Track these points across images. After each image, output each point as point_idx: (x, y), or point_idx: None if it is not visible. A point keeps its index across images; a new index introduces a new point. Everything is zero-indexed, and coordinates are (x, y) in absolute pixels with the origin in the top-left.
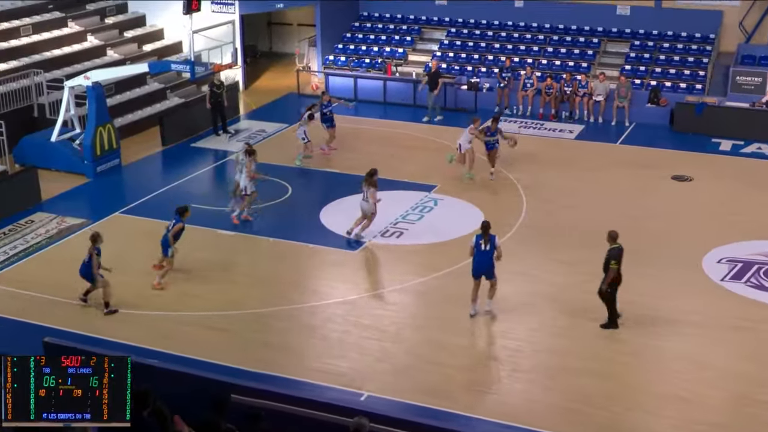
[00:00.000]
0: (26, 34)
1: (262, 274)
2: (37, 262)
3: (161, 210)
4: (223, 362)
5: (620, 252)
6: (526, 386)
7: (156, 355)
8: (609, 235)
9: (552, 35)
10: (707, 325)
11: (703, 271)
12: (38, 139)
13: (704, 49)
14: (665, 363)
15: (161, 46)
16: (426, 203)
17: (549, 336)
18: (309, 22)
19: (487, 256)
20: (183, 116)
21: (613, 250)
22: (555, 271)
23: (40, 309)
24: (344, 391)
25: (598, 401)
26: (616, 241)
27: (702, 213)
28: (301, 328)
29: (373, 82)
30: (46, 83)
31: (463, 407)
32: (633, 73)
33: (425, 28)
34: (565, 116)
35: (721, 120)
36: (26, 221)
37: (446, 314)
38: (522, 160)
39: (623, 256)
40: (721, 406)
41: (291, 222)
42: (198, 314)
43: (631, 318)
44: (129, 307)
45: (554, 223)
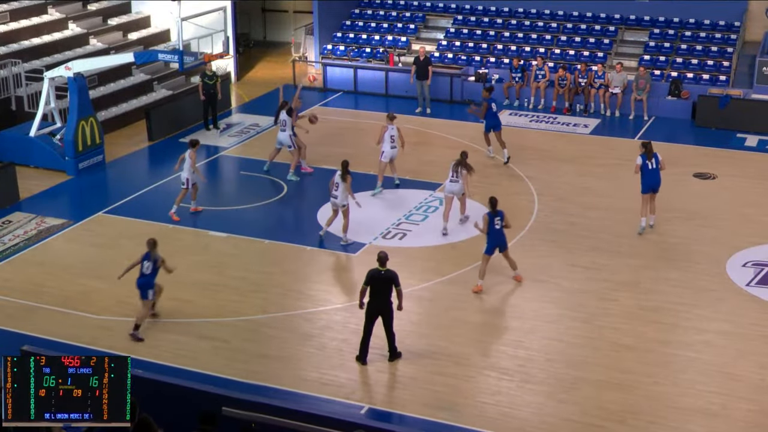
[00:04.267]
0: (3, 21)
1: (256, 279)
2: (14, 265)
3: (147, 210)
4: (214, 372)
5: None
6: (537, 399)
7: (141, 365)
8: None
9: (566, 23)
10: (734, 334)
11: (728, 276)
12: (16, 134)
13: (729, 38)
14: (690, 374)
15: (148, 34)
16: (430, 203)
17: (563, 345)
18: (306, 9)
19: (501, 232)
20: (171, 109)
21: None
22: (570, 276)
23: (17, 316)
24: (343, 404)
25: (617, 415)
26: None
27: (726, 213)
28: (298, 337)
29: (374, 73)
30: (24, 74)
31: (469, 421)
32: (652, 64)
33: (430, 15)
34: (580, 109)
35: (746, 114)
36: (3, 221)
37: (452, 321)
38: (534, 157)
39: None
40: (752, 419)
41: (287, 223)
42: (186, 321)
43: (652, 326)
44: (112, 314)
45: (568, 224)
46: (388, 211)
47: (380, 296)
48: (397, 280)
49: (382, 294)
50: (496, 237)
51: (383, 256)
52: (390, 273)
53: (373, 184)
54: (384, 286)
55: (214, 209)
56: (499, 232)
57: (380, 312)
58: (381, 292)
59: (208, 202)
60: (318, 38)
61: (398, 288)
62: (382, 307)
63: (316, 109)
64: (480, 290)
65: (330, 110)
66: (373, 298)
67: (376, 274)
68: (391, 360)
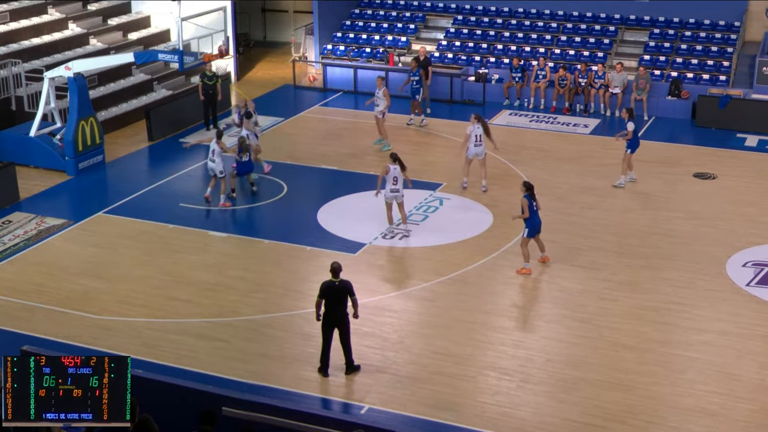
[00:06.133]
0: (3, 21)
1: (256, 279)
2: (14, 265)
3: (147, 210)
4: (214, 373)
5: None
6: (537, 399)
7: (141, 365)
8: None
9: (566, 23)
10: (734, 334)
11: (728, 276)
12: (16, 134)
13: (729, 38)
14: (690, 374)
15: (148, 34)
16: (431, 203)
17: (563, 345)
18: (306, 9)
19: (538, 215)
20: (171, 109)
21: None
22: (570, 276)
23: (17, 316)
24: (343, 404)
25: (616, 415)
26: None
27: (726, 213)
28: (298, 337)
29: (375, 72)
30: (24, 74)
31: (469, 421)
32: (652, 64)
33: (430, 15)
34: (580, 109)
35: (746, 114)
36: (3, 221)
37: (452, 321)
38: (534, 156)
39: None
40: (751, 419)
41: (286, 222)
42: (186, 321)
43: (652, 326)
44: (112, 314)
45: (568, 223)
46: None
47: (335, 307)
48: (351, 290)
49: (337, 305)
50: (536, 219)
51: (336, 267)
52: (344, 283)
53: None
54: (338, 296)
55: (214, 209)
56: (537, 214)
57: (336, 324)
58: (336, 303)
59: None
60: (318, 38)
61: (353, 298)
62: (338, 319)
63: (316, 109)
64: (529, 273)
65: (330, 110)
66: (328, 310)
67: (330, 285)
68: (347, 373)
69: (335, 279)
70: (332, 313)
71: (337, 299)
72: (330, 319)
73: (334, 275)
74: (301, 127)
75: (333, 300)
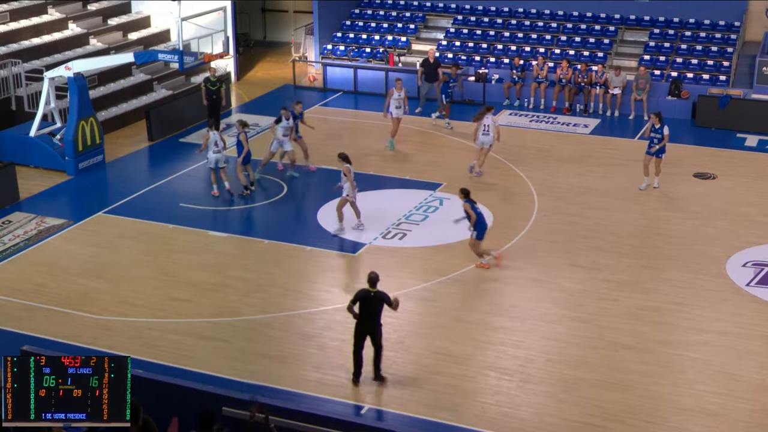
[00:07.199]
0: (3, 21)
1: (256, 279)
2: (14, 265)
3: (147, 210)
4: (214, 372)
5: None
6: (537, 399)
7: (141, 365)
8: None
9: (566, 23)
10: (734, 334)
11: (728, 276)
12: (16, 134)
13: (729, 38)
14: (690, 374)
15: (148, 34)
16: (431, 202)
17: (563, 345)
18: (306, 9)
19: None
20: (171, 109)
21: None
22: (570, 276)
23: (17, 316)
24: (343, 404)
25: (616, 415)
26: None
27: (725, 213)
28: (298, 337)
29: (374, 72)
30: (24, 74)
31: (469, 421)
32: (652, 64)
33: (430, 15)
34: (580, 109)
35: (746, 114)
36: (3, 221)
37: (452, 322)
38: (534, 156)
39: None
40: (751, 419)
41: (286, 222)
42: (187, 321)
43: (652, 326)
44: (112, 314)
45: (568, 223)
46: (388, 211)
47: (368, 317)
48: (388, 300)
49: (370, 315)
50: (483, 221)
51: (374, 277)
52: (380, 294)
53: (374, 184)
54: (372, 307)
55: (214, 209)
56: (482, 216)
57: (368, 332)
58: (370, 313)
59: (207, 201)
60: (318, 38)
61: (392, 306)
62: (370, 328)
63: (316, 109)
64: (500, 258)
65: (330, 110)
66: (361, 319)
67: (365, 294)
68: (374, 379)
69: (371, 289)
70: (364, 322)
71: (370, 309)
72: (362, 327)
73: (371, 285)
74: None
75: (366, 310)
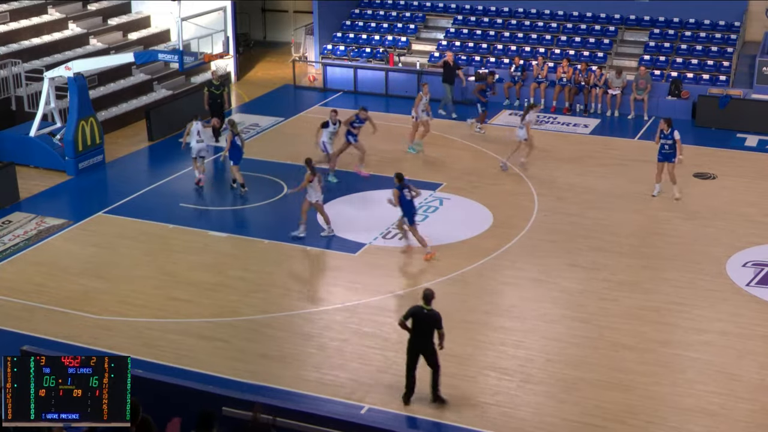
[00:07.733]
0: (3, 21)
1: (256, 279)
2: (14, 265)
3: (147, 210)
4: (214, 372)
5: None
6: (537, 399)
7: (141, 365)
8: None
9: (566, 23)
10: (734, 334)
11: (728, 276)
12: (16, 134)
13: (729, 38)
14: (690, 374)
15: (148, 34)
16: (431, 203)
17: (563, 345)
18: (306, 9)
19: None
20: (171, 109)
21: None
22: (570, 276)
23: (17, 316)
24: (344, 404)
25: (616, 415)
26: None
27: (725, 213)
28: (298, 337)
29: (375, 73)
30: (24, 74)
31: (469, 421)
32: (652, 64)
33: (430, 15)
34: (580, 109)
35: (746, 114)
36: (3, 221)
37: (452, 321)
38: (534, 156)
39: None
40: (751, 419)
41: (286, 222)
42: (187, 321)
43: (652, 326)
44: (112, 314)
45: (568, 223)
46: (388, 211)
47: (421, 336)
48: (439, 322)
49: (422, 333)
50: (411, 207)
51: (428, 294)
52: (433, 313)
53: (374, 184)
54: (425, 325)
55: (214, 209)
56: (411, 203)
57: (420, 351)
58: (422, 331)
59: (207, 201)
60: (318, 38)
61: (440, 331)
62: (422, 346)
63: (316, 109)
64: (433, 255)
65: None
66: (413, 336)
67: (418, 311)
68: (433, 401)
69: (426, 306)
70: (416, 339)
71: (422, 327)
72: (414, 345)
73: (426, 302)
74: (301, 127)
75: (418, 327)
